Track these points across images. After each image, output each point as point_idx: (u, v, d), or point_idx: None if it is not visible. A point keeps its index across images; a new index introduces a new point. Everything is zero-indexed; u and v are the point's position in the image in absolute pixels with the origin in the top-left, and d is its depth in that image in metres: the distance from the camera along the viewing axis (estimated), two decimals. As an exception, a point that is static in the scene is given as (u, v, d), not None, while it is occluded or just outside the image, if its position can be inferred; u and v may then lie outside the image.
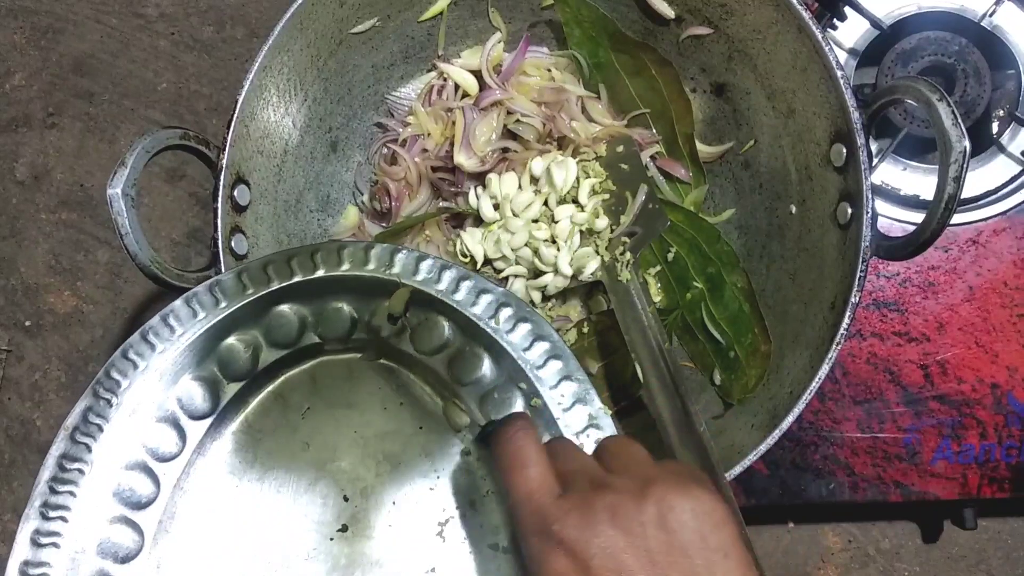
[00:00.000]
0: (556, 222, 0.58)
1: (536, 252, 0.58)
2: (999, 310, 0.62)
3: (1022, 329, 0.62)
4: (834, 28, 0.65)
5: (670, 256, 0.60)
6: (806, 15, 0.50)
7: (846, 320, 0.48)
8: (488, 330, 0.43)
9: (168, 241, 0.80)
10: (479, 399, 0.44)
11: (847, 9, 0.64)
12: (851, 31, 0.65)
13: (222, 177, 0.52)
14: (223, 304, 0.44)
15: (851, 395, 0.63)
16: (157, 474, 0.43)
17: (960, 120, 0.44)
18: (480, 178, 0.60)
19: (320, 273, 0.45)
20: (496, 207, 0.59)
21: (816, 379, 0.48)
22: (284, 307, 0.45)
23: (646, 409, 0.53)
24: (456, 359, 0.44)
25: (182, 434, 0.44)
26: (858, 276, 0.48)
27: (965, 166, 0.43)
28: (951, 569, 0.69)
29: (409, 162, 0.60)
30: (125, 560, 0.42)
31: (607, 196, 0.59)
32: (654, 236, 0.57)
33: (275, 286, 0.45)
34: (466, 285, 0.44)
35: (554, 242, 0.58)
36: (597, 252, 0.58)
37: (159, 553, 0.42)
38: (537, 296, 0.60)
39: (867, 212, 0.49)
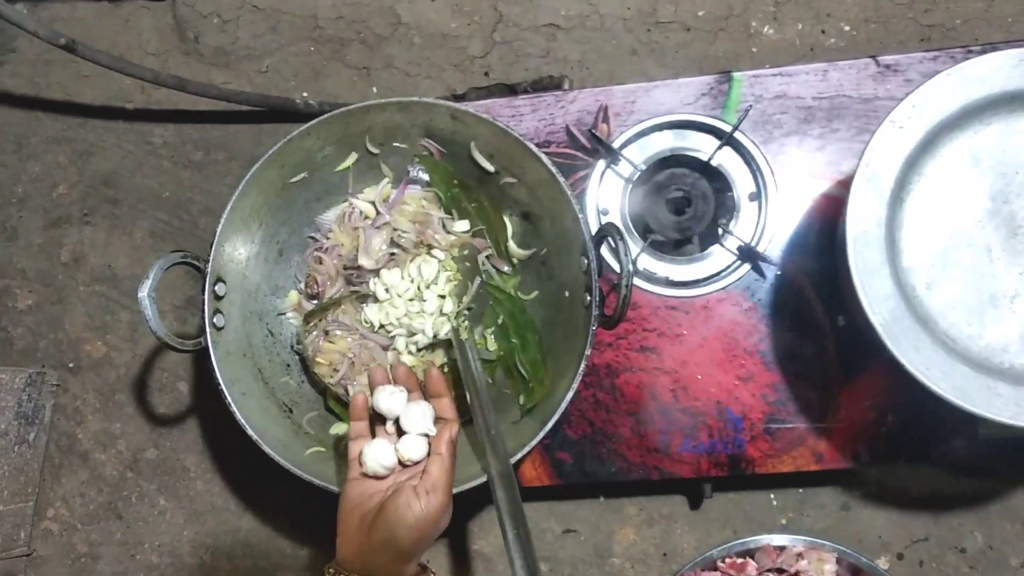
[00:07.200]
0: (424, 300, 0.91)
1: (411, 320, 0.91)
2: (721, 352, 0.94)
3: (735, 365, 0.94)
4: (617, 164, 0.98)
5: (500, 321, 0.92)
6: (562, 180, 0.83)
7: (583, 364, 0.80)
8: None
9: (171, 306, 1.12)
10: None
11: (622, 154, 0.96)
12: (627, 167, 0.97)
13: (207, 279, 0.85)
14: None
15: (625, 409, 0.95)
16: None
17: (629, 252, 0.76)
18: (376, 272, 0.93)
19: None
20: (386, 291, 0.92)
21: (566, 400, 0.80)
22: None
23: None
24: None
25: None
26: (589, 338, 0.80)
27: (631, 279, 0.76)
28: (709, 527, 1.01)
29: (329, 263, 0.93)
30: None
31: (456, 283, 0.91)
32: (484, 310, 0.90)
33: None
34: None
35: (422, 313, 0.91)
36: (448, 320, 0.90)
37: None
38: (413, 348, 0.92)
39: (595, 299, 0.81)
